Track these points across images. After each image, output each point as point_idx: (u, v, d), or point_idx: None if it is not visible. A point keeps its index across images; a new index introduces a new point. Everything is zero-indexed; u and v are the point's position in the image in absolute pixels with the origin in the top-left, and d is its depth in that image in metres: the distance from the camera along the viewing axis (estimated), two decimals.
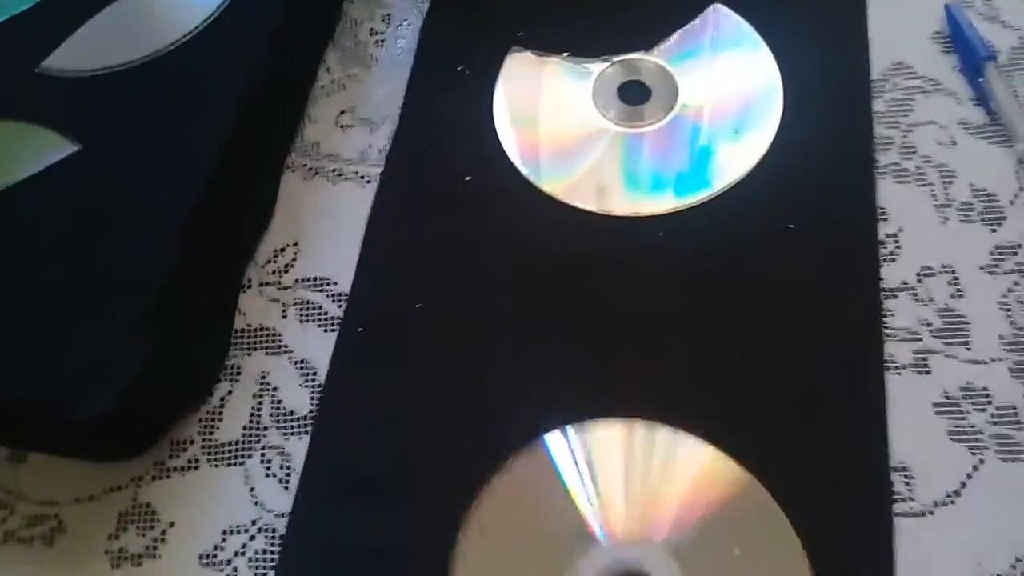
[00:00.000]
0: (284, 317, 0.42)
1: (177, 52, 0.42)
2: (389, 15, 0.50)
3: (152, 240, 0.38)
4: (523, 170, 0.44)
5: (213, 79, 0.41)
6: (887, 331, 0.39)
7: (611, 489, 0.36)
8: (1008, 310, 0.38)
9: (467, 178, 0.44)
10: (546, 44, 0.48)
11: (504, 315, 0.41)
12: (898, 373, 0.38)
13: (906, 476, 0.35)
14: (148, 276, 0.37)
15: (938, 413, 0.36)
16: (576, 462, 0.36)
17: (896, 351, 0.38)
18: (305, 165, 0.46)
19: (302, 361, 0.41)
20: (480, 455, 0.37)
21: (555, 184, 0.43)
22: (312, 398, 0.40)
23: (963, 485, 0.35)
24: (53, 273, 0.37)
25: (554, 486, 0.36)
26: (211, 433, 0.39)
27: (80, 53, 0.42)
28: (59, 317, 0.36)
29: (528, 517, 0.36)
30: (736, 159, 0.43)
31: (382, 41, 0.49)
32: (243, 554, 0.37)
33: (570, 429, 0.37)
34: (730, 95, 0.45)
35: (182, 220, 0.38)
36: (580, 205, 0.43)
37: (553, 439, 0.37)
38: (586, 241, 0.42)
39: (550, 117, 0.46)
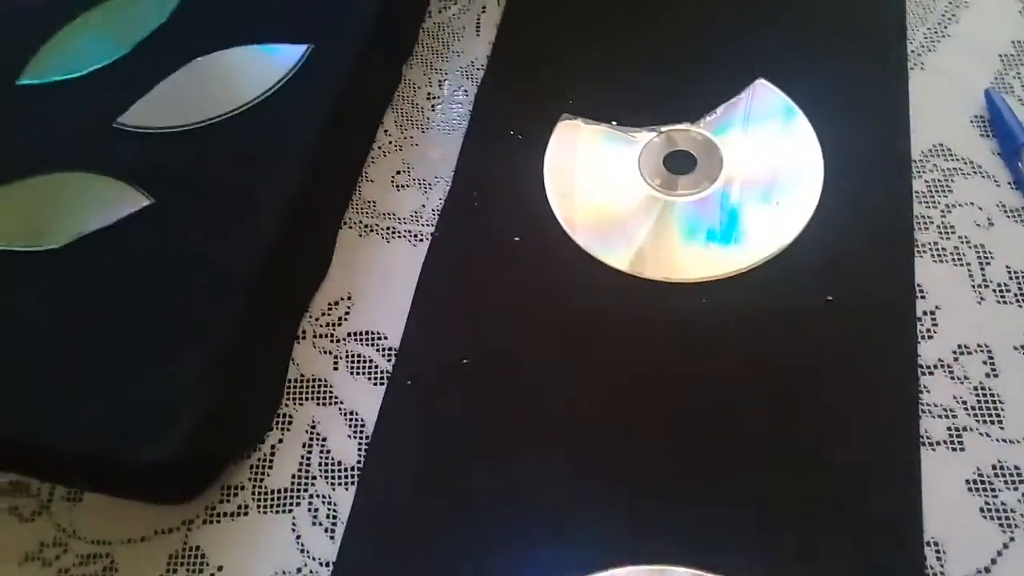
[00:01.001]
0: (335, 369, 0.44)
1: (247, 113, 0.44)
2: (445, 80, 0.52)
3: (217, 294, 0.40)
4: (570, 233, 0.46)
5: (279, 141, 0.43)
6: (922, 407, 0.39)
7: None
8: None
9: (516, 239, 0.46)
10: (595, 112, 0.50)
11: (546, 373, 0.42)
12: (932, 449, 0.38)
13: (938, 551, 0.36)
14: (212, 328, 0.39)
15: (971, 490, 0.37)
16: None
17: (931, 427, 0.39)
18: (361, 222, 0.48)
19: (351, 412, 0.42)
20: (525, 513, 0.38)
21: (600, 248, 0.45)
22: (360, 449, 0.41)
23: (993, 562, 0.36)
24: (121, 322, 0.39)
25: None
26: (261, 480, 0.41)
27: (155, 111, 0.45)
28: (126, 365, 0.38)
29: None
30: (777, 230, 0.45)
31: (438, 106, 0.51)
32: None
33: None
34: (772, 168, 0.47)
35: (246, 275, 0.40)
36: (624, 269, 0.44)
37: None
38: (627, 304, 0.43)
39: (597, 183, 0.48)
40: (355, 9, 0.47)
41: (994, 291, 0.42)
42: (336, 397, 0.43)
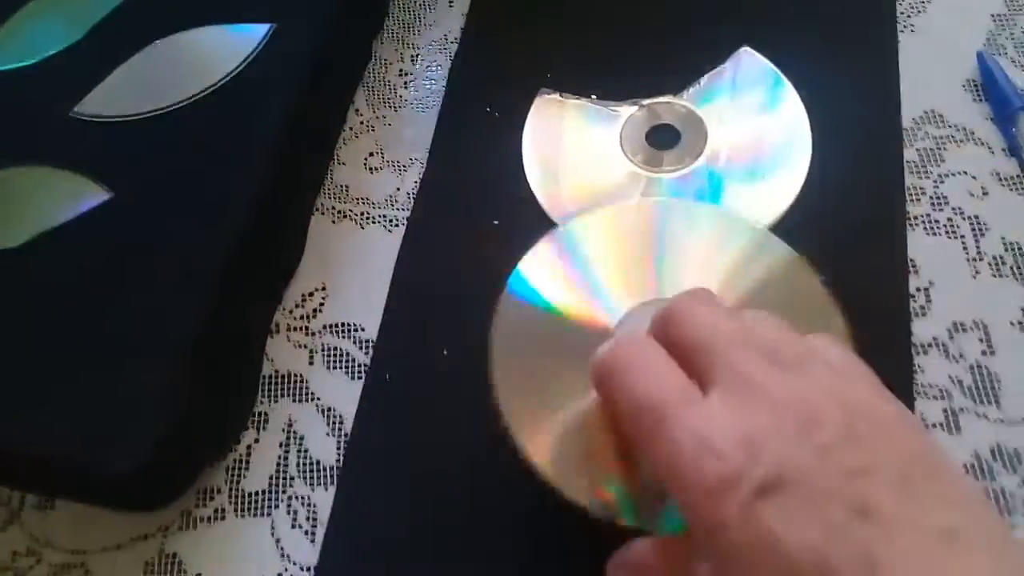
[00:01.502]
0: (311, 363, 0.42)
1: (208, 98, 0.42)
2: (418, 56, 0.50)
3: (183, 290, 0.38)
4: (551, 215, 0.44)
5: (244, 125, 0.41)
6: (917, 388, 0.38)
7: None
8: None
9: (495, 222, 0.44)
10: (574, 86, 0.48)
11: None
12: (928, 432, 0.37)
13: None
14: (178, 327, 0.37)
15: (969, 475, 0.36)
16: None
17: (926, 409, 0.38)
18: (334, 208, 0.46)
19: (329, 409, 0.41)
20: (511, 509, 0.37)
21: None
22: (339, 447, 0.40)
23: None
24: (84, 323, 0.37)
25: None
26: (238, 482, 0.39)
27: (112, 98, 0.42)
28: (90, 368, 0.36)
29: None
30: (764, 206, 0.43)
31: (411, 83, 0.49)
32: None
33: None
34: (758, 141, 0.45)
35: (214, 269, 0.38)
36: None
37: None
38: None
39: (578, 160, 0.46)
40: None
41: (989, 264, 0.41)
42: (313, 393, 0.41)
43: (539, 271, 0.38)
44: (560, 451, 0.33)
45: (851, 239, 0.42)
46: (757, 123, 0.45)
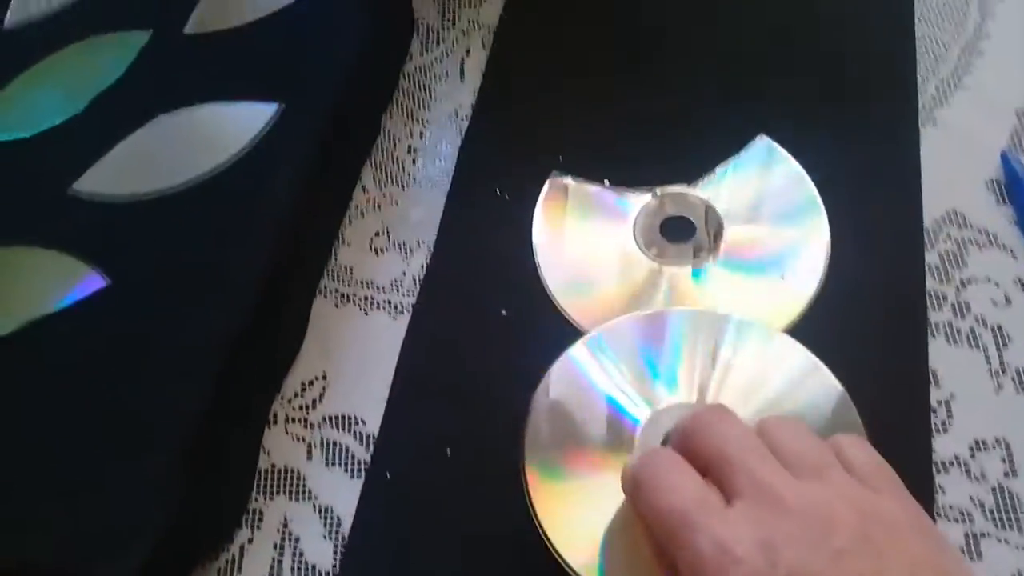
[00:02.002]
0: (309, 458, 0.41)
1: (213, 180, 0.41)
2: (427, 131, 0.49)
3: (179, 385, 0.37)
4: (561, 306, 0.43)
5: (248, 210, 0.40)
6: (938, 510, 0.37)
7: None
8: None
9: (503, 312, 0.43)
10: (586, 170, 0.46)
11: None
12: None
13: None
14: (174, 424, 0.36)
15: None
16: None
17: (947, 532, 0.37)
18: (337, 291, 0.45)
19: (326, 509, 0.39)
20: None
21: (594, 324, 0.42)
22: (336, 551, 0.38)
23: None
24: (73, 421, 0.36)
25: None
26: None
27: (112, 177, 0.41)
28: (78, 469, 0.35)
29: None
30: (781, 305, 0.42)
31: (420, 160, 0.48)
32: None
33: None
34: (774, 236, 0.44)
35: (212, 360, 0.37)
36: None
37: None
38: None
39: (589, 249, 0.45)
40: (329, 61, 0.43)
41: (1013, 379, 0.39)
42: (310, 491, 0.40)
43: (572, 374, 0.40)
44: (598, 556, 0.35)
45: (870, 345, 0.40)
46: (773, 217, 0.44)
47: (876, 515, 0.28)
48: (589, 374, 0.39)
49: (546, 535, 0.36)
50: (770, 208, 0.44)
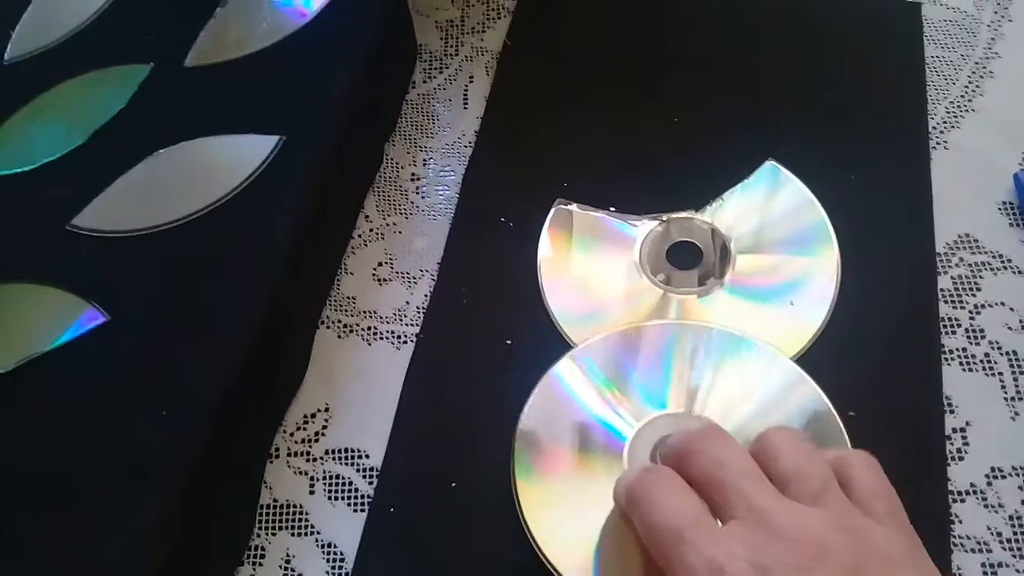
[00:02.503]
0: (312, 493, 0.40)
1: (213, 214, 0.40)
2: (430, 159, 0.49)
3: (179, 423, 0.36)
4: (567, 333, 0.42)
5: (250, 244, 0.40)
6: (954, 540, 0.36)
7: None
8: None
9: (508, 342, 0.42)
10: (592, 197, 0.46)
11: None
12: None
13: None
14: (173, 463, 0.35)
15: None
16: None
17: (964, 563, 0.36)
18: (340, 321, 0.44)
19: (329, 545, 0.39)
20: None
21: None
22: None
23: None
24: (71, 458, 0.35)
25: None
26: None
27: (113, 211, 0.41)
28: (76, 509, 0.34)
29: None
30: (790, 331, 0.41)
31: (423, 188, 0.48)
32: None
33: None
34: (783, 263, 0.43)
35: (213, 396, 0.36)
36: None
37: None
38: None
39: (595, 277, 0.44)
40: (331, 91, 0.43)
41: None
42: (312, 526, 0.39)
43: (556, 391, 0.40)
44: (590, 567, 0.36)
45: (883, 372, 0.40)
46: (782, 242, 0.44)
47: (870, 546, 0.28)
48: (574, 390, 0.40)
49: (545, 557, 0.36)
50: (778, 233, 0.44)
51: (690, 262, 0.44)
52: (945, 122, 0.46)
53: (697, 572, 0.27)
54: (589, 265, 0.44)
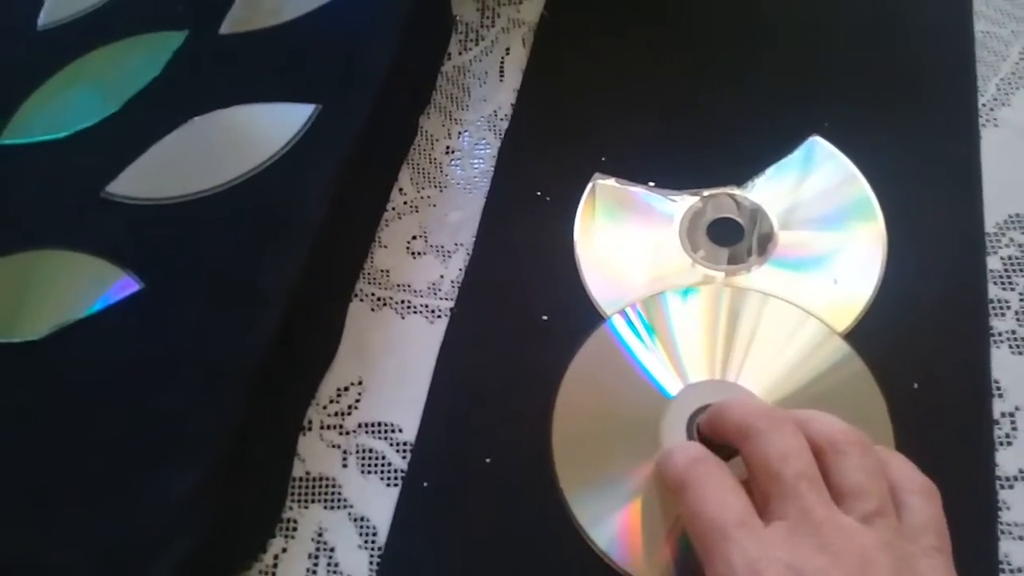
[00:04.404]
0: (345, 466, 0.40)
1: (249, 183, 0.40)
2: (465, 132, 0.48)
3: (213, 393, 0.36)
4: (604, 310, 0.42)
5: (285, 213, 0.39)
6: (1002, 527, 0.35)
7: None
8: None
9: (544, 318, 0.42)
10: (630, 172, 0.45)
11: None
12: None
13: None
14: (206, 434, 0.35)
15: None
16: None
17: (1012, 551, 0.35)
18: (373, 294, 0.44)
19: (362, 518, 0.38)
20: None
21: None
22: (371, 562, 0.37)
23: None
24: (103, 430, 0.35)
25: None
26: None
27: (147, 179, 0.40)
28: (108, 481, 0.34)
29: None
30: (834, 311, 0.40)
31: (458, 161, 0.47)
32: None
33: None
34: (828, 239, 0.42)
35: (248, 368, 0.36)
36: None
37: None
38: None
39: (634, 253, 0.43)
40: (367, 61, 0.42)
41: None
42: (345, 499, 0.39)
43: (609, 344, 0.40)
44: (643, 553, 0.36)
45: (929, 355, 0.39)
46: (826, 219, 0.43)
47: (912, 575, 0.28)
48: (628, 344, 0.40)
49: (583, 530, 0.36)
50: (823, 210, 0.43)
51: (730, 239, 0.43)
52: (995, 99, 0.45)
53: (737, 572, 0.28)
54: (626, 241, 0.43)
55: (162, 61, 0.43)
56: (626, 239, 0.43)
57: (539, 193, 0.45)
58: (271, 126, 0.41)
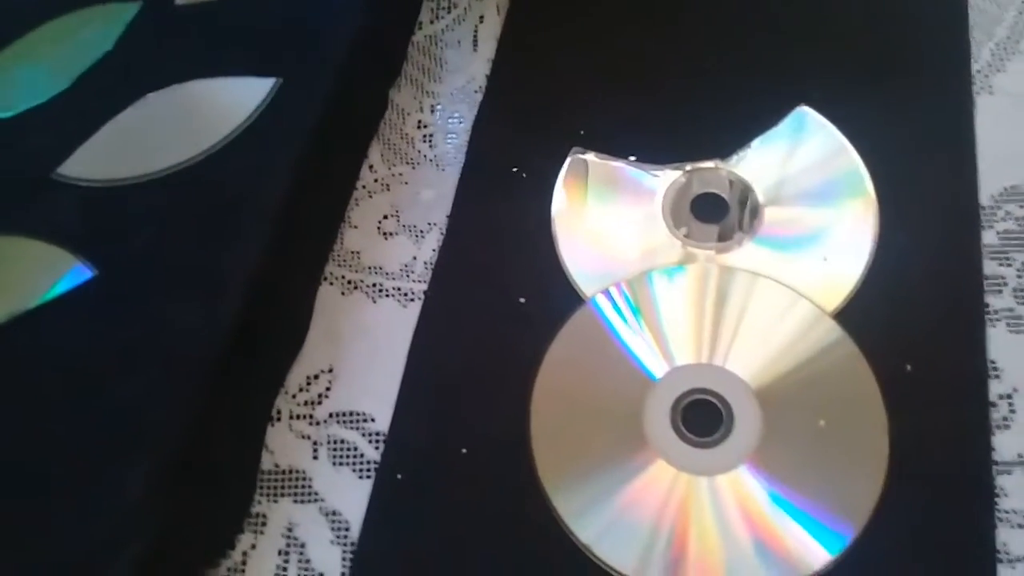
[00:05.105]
0: (315, 458, 0.38)
1: (207, 162, 0.38)
2: (438, 105, 0.46)
3: (172, 382, 0.34)
4: (584, 291, 0.40)
5: (245, 193, 0.37)
6: (999, 514, 0.34)
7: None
8: None
9: (521, 300, 0.40)
10: (610, 146, 0.43)
11: None
12: (1012, 567, 0.33)
13: None
14: (168, 424, 0.33)
15: None
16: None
17: (1010, 539, 0.34)
18: (343, 277, 0.42)
19: (334, 512, 0.37)
20: None
21: None
22: (344, 558, 0.36)
23: None
24: (61, 422, 0.33)
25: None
26: None
27: (100, 159, 0.38)
28: (67, 475, 0.33)
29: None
30: (824, 289, 0.39)
31: (430, 136, 0.45)
32: None
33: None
34: (816, 215, 0.41)
35: (207, 359, 0.34)
36: None
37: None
38: None
39: (614, 231, 0.41)
40: (331, 30, 0.40)
41: None
42: (316, 493, 0.37)
43: (592, 323, 0.39)
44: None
45: (923, 335, 0.37)
46: (815, 194, 0.41)
47: None
48: (612, 324, 0.38)
49: (564, 522, 0.35)
50: (811, 184, 0.41)
51: (715, 215, 0.41)
52: (990, 65, 0.43)
53: None
54: (607, 218, 0.42)
55: (115, 34, 0.41)
56: (606, 216, 0.42)
57: (515, 169, 0.44)
58: (230, 101, 0.39)
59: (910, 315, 0.38)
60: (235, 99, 0.39)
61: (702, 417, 0.36)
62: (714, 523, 0.34)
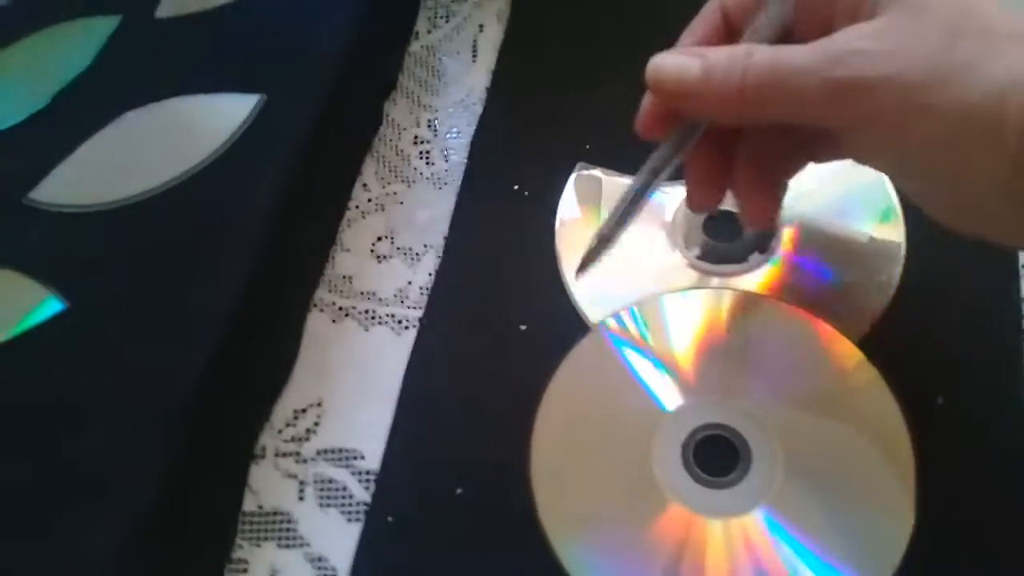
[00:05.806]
0: (301, 499, 0.36)
1: (186, 185, 0.36)
2: (436, 119, 0.44)
3: (144, 431, 0.32)
4: (589, 317, 0.38)
5: (227, 218, 0.36)
6: None
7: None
8: None
9: (523, 326, 0.38)
10: (618, 161, 0.41)
11: None
12: None
13: None
14: (137, 477, 0.31)
15: None
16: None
17: None
18: (334, 304, 0.40)
19: (319, 558, 0.35)
20: None
21: None
22: None
23: None
24: (25, 471, 0.31)
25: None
26: None
27: (75, 183, 0.37)
28: (24, 529, 0.31)
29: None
30: (848, 313, 0.36)
31: (428, 152, 0.43)
32: None
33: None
34: (840, 232, 0.38)
35: (185, 400, 0.32)
36: None
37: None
38: None
39: (622, 252, 0.38)
40: (320, 42, 0.38)
41: None
42: (301, 537, 0.35)
43: (602, 349, 0.36)
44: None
45: (955, 363, 0.35)
46: (837, 210, 0.38)
47: None
48: (623, 351, 0.36)
49: (564, 566, 0.32)
50: (832, 201, 0.39)
51: (730, 234, 0.39)
52: None
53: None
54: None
55: (93, 50, 0.40)
56: None
57: (516, 187, 0.42)
58: (212, 119, 0.37)
59: (941, 343, 0.36)
60: (217, 117, 0.37)
61: (716, 455, 0.34)
62: (727, 571, 0.31)
